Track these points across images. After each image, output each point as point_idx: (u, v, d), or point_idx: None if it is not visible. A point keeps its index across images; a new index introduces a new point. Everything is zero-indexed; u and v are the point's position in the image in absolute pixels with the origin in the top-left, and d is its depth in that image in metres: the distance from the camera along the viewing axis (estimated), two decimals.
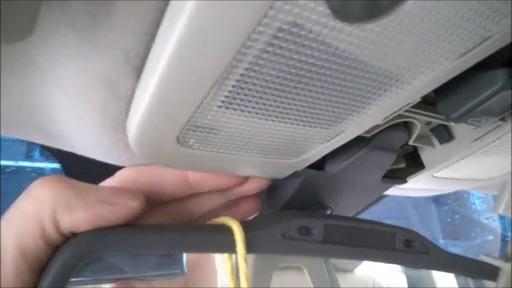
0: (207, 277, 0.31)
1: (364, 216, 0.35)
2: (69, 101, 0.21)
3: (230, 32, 0.14)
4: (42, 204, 0.20)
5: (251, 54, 0.16)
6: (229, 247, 0.23)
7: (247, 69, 0.17)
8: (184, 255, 0.26)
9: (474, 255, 0.31)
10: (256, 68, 0.17)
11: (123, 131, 0.23)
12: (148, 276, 0.24)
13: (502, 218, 1.20)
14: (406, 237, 0.28)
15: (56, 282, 0.20)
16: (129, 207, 0.22)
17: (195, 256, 0.29)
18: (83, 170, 0.24)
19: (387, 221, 0.29)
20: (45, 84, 0.21)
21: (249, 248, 0.23)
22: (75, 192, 0.21)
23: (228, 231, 0.24)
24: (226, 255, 0.25)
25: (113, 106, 0.21)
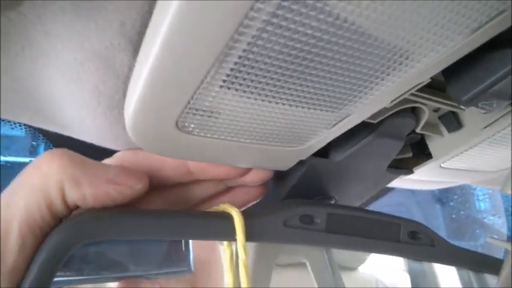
0: (215, 278, 0.30)
1: None
2: (64, 79, 0.20)
3: (231, 1, 0.14)
4: (50, 177, 0.20)
5: (254, 27, 0.15)
6: (228, 234, 0.22)
7: (250, 43, 0.16)
8: (192, 253, 0.25)
9: None
10: (260, 42, 0.16)
11: (120, 112, 0.22)
12: (153, 274, 0.24)
13: (508, 215, 1.18)
14: (411, 228, 0.28)
15: (47, 265, 0.19)
16: (133, 188, 0.22)
17: (204, 257, 0.28)
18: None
19: None
20: (41, 63, 0.20)
21: (249, 236, 0.23)
22: (82, 167, 0.21)
23: (227, 218, 0.23)
24: (225, 243, 0.25)
25: (108, 85, 0.20)
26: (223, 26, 0.14)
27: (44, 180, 0.20)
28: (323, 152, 0.28)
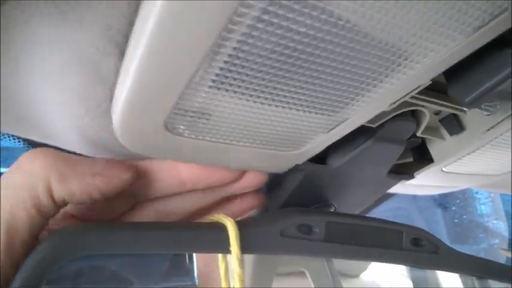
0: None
1: None
2: (48, 84, 0.20)
3: (217, 5, 0.13)
4: (35, 176, 0.20)
5: (244, 24, 0.14)
6: (222, 246, 0.21)
7: (240, 41, 0.15)
8: (196, 266, 0.24)
9: None
10: (251, 40, 0.15)
11: (108, 121, 0.21)
12: None
13: (509, 219, 1.17)
14: (413, 235, 0.27)
15: (29, 281, 0.18)
16: (121, 178, 0.21)
17: (207, 268, 0.27)
18: None
19: None
20: (24, 67, 0.19)
21: (244, 248, 0.22)
22: (67, 163, 0.21)
23: (221, 229, 0.22)
24: (221, 255, 0.24)
25: (95, 91, 0.20)
26: (209, 23, 0.14)
27: (28, 179, 0.20)
28: (321, 158, 0.27)
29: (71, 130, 0.22)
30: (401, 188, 0.35)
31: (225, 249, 0.21)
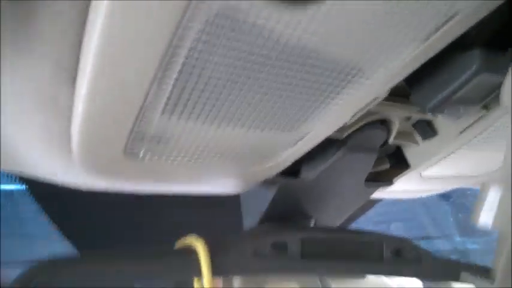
0: None
1: (370, 217, 0.32)
2: (11, 116, 0.20)
3: (155, 28, 0.13)
4: None
5: (186, 46, 0.14)
6: (194, 271, 0.21)
7: (184, 64, 0.15)
8: None
9: (493, 251, 0.27)
10: (193, 62, 0.15)
11: (71, 152, 0.21)
12: None
13: None
14: (395, 246, 0.26)
15: None
16: None
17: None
18: (51, 191, 0.22)
19: (397, 224, 0.27)
20: None
21: (216, 271, 0.21)
22: None
23: (192, 253, 0.21)
24: (196, 278, 0.23)
25: (57, 123, 0.20)
26: (151, 49, 0.14)
27: None
28: (296, 172, 0.27)
29: (43, 163, 0.22)
30: (387, 194, 0.35)
31: (197, 273, 0.21)
